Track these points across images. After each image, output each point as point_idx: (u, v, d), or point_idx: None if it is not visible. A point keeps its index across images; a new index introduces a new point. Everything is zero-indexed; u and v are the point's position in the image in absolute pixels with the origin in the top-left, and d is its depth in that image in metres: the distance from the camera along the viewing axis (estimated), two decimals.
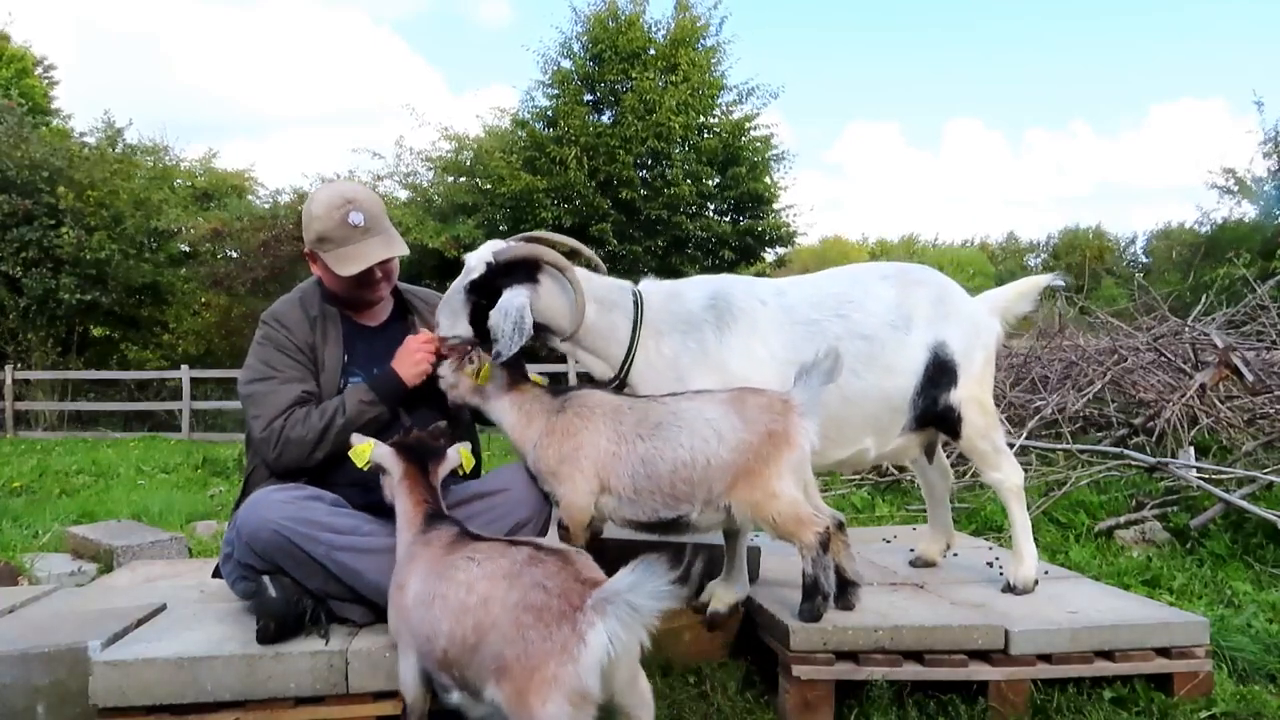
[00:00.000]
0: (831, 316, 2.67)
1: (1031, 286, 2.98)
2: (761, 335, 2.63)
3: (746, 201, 17.20)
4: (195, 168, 20.76)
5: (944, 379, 2.72)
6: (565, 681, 1.63)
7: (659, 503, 2.33)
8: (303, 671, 2.21)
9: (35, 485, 7.56)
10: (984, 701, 2.46)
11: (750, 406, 2.33)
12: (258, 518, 2.32)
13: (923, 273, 2.89)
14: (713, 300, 2.65)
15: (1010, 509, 2.87)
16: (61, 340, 16.23)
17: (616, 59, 16.28)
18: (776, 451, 2.29)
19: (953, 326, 2.74)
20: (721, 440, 2.29)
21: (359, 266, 2.57)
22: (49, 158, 15.76)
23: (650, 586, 1.60)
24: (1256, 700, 2.55)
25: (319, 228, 2.58)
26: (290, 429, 2.48)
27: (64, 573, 4.11)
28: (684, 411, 2.35)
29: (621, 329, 2.64)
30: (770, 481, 2.29)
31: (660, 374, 2.61)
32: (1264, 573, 3.78)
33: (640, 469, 2.32)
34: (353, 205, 2.58)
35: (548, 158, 15.68)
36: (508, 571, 1.81)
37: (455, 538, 2.01)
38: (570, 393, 2.48)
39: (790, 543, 2.35)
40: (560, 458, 2.37)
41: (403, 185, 17.86)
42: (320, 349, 2.65)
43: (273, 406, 2.52)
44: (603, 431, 2.36)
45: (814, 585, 2.39)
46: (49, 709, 2.29)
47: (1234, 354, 5.55)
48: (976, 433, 2.79)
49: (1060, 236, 50.27)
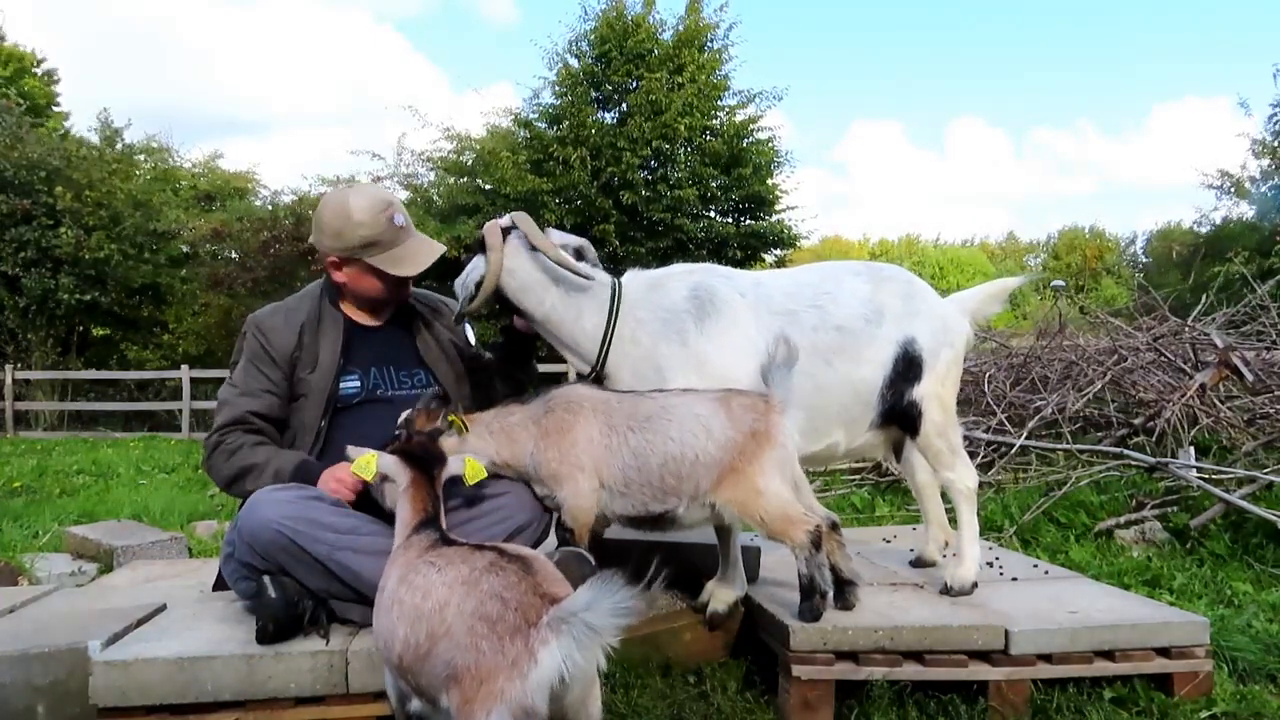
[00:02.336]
0: (807, 307, 2.69)
1: (1000, 289, 3.02)
2: (741, 326, 2.63)
3: (749, 203, 17.19)
4: (198, 169, 20.77)
5: (910, 374, 2.73)
6: (511, 697, 1.61)
7: (648, 496, 2.34)
8: (303, 671, 2.20)
9: (35, 485, 7.56)
10: (984, 701, 2.46)
11: (735, 406, 2.35)
12: (259, 516, 2.32)
13: (893, 270, 2.92)
14: (694, 291, 2.65)
15: (960, 510, 2.85)
16: (61, 340, 16.24)
17: (623, 59, 16.26)
18: (760, 450, 2.31)
19: (921, 323, 2.76)
20: (710, 436, 2.30)
21: (416, 267, 2.63)
22: (47, 157, 15.76)
23: (607, 605, 1.57)
24: (1256, 700, 2.55)
25: (366, 233, 2.58)
26: (219, 453, 2.55)
27: (64, 573, 4.11)
28: (674, 406, 2.36)
29: (589, 317, 2.64)
30: (755, 479, 2.30)
31: (637, 363, 2.62)
32: (1264, 573, 3.78)
33: (631, 461, 2.32)
34: (394, 208, 2.62)
35: (552, 158, 15.67)
36: (466, 579, 1.78)
37: (431, 543, 1.99)
38: (548, 392, 2.47)
39: (781, 542, 2.35)
40: (560, 458, 2.36)
41: (403, 185, 17.86)
42: (308, 352, 2.64)
43: (223, 416, 2.58)
44: (594, 424, 2.36)
45: (810, 584, 2.40)
46: (49, 709, 2.29)
47: (1234, 354, 5.55)
48: (935, 430, 2.79)
49: (1060, 236, 50.24)
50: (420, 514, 2.12)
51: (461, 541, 2.01)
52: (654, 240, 16.11)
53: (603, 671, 1.70)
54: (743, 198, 16.90)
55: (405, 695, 1.91)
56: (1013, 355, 7.41)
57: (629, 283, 2.72)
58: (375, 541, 2.31)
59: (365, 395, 2.69)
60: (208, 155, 21.20)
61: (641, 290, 2.69)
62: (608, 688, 2.53)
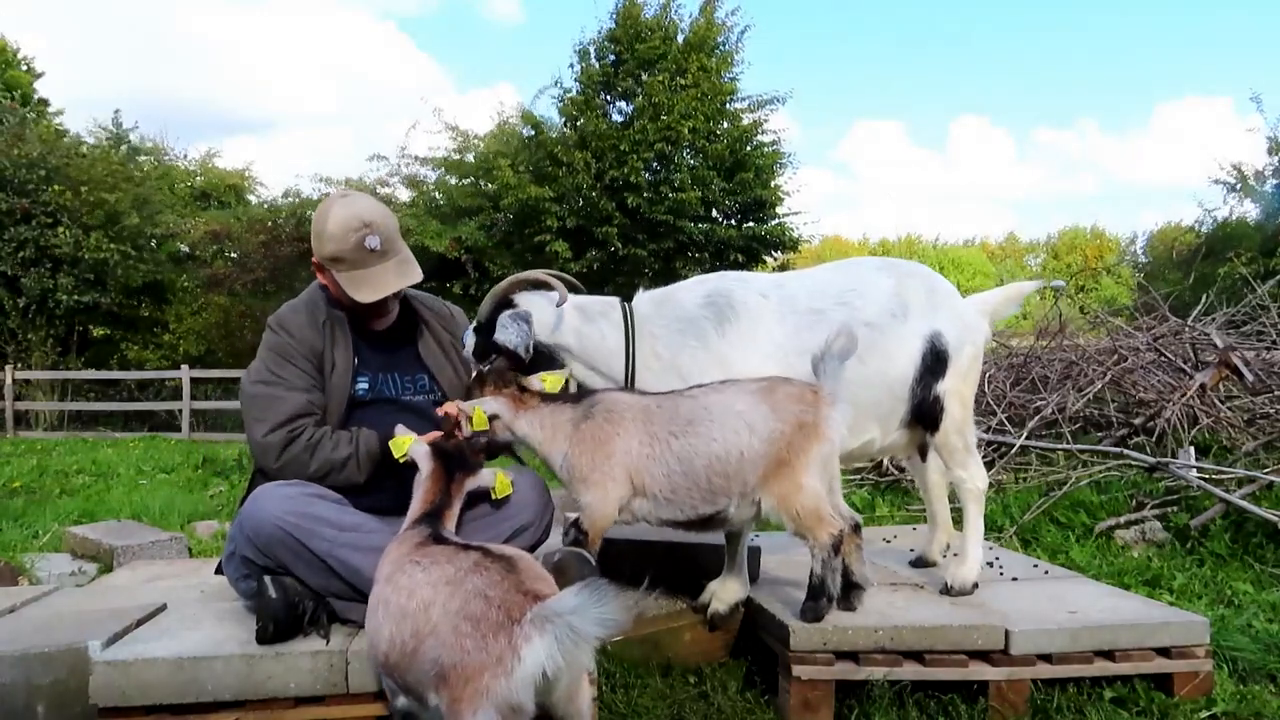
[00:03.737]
0: (835, 305, 2.69)
1: (1018, 292, 3.05)
2: (766, 327, 2.64)
3: (752, 206, 17.16)
4: (194, 168, 20.75)
5: (937, 368, 2.74)
6: (497, 694, 1.63)
7: (698, 499, 2.32)
8: (303, 671, 2.20)
9: (35, 485, 7.56)
10: (984, 701, 2.46)
11: (780, 396, 2.32)
12: (261, 512, 2.32)
13: (913, 266, 2.92)
14: (710, 298, 2.66)
15: (967, 510, 2.85)
16: (61, 340, 16.22)
17: (634, 62, 16.22)
18: (807, 443, 2.29)
19: (944, 318, 2.77)
20: (753, 432, 2.28)
21: (374, 295, 2.53)
22: (46, 156, 15.76)
23: (595, 612, 1.56)
24: (1256, 700, 2.55)
25: (333, 248, 2.53)
26: (298, 448, 2.47)
27: (64, 573, 4.12)
28: (713, 405, 2.33)
29: (612, 338, 2.65)
30: (799, 474, 2.29)
31: (660, 376, 2.61)
32: (1264, 573, 3.78)
33: (676, 467, 2.30)
34: (369, 229, 2.51)
35: (556, 161, 15.63)
36: (450, 578, 1.80)
37: (422, 540, 1.99)
38: (593, 397, 2.44)
39: (805, 539, 2.34)
40: (593, 465, 2.33)
41: (405, 186, 17.85)
42: (329, 352, 2.63)
43: (276, 413, 2.50)
44: (634, 434, 2.33)
45: (820, 586, 2.39)
46: (49, 709, 2.29)
47: (1234, 354, 5.55)
48: (954, 426, 2.79)
49: (1060, 236, 50.25)
50: (425, 505, 2.13)
51: (451, 540, 2.02)
52: (656, 242, 16.08)
53: (591, 670, 1.71)
54: (745, 201, 16.87)
55: (393, 692, 1.93)
56: (1013, 355, 7.41)
57: (637, 302, 2.73)
58: (377, 539, 2.31)
59: (374, 395, 2.69)
60: (204, 154, 21.21)
61: (651, 306, 2.70)
62: (608, 687, 2.54)
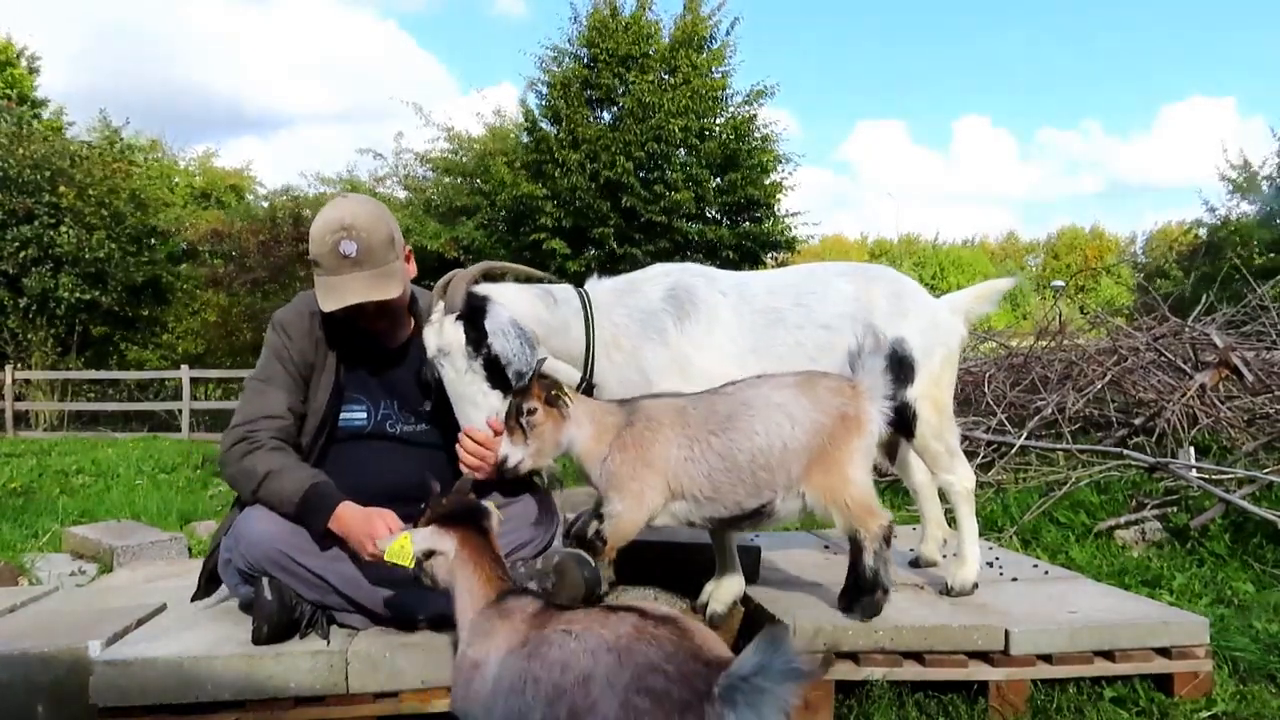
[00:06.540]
0: (792, 305, 2.66)
1: (991, 290, 3.00)
2: (723, 324, 2.60)
3: (746, 206, 17.12)
4: (193, 166, 20.76)
5: (902, 375, 2.68)
6: None
7: (742, 494, 2.29)
8: (303, 671, 2.20)
9: (35, 485, 7.55)
10: (984, 701, 2.46)
11: (820, 389, 2.31)
12: (253, 532, 2.29)
13: (880, 270, 2.89)
14: (671, 291, 2.61)
15: (959, 512, 2.84)
16: (61, 340, 16.23)
17: (613, 62, 16.20)
18: (848, 435, 2.28)
19: (910, 323, 2.72)
20: (795, 423, 2.27)
21: (334, 304, 2.37)
22: (50, 156, 15.77)
23: (779, 666, 1.37)
24: (1256, 700, 2.55)
25: (313, 250, 2.42)
26: (241, 454, 2.36)
27: (64, 573, 4.11)
28: (752, 399, 2.31)
29: (574, 326, 2.56)
30: (844, 466, 2.27)
31: (622, 369, 2.57)
32: (1264, 573, 3.77)
33: (719, 464, 2.27)
34: (346, 234, 2.35)
35: (553, 160, 15.63)
36: (611, 645, 1.58)
37: (540, 609, 1.79)
38: (634, 403, 2.39)
39: (855, 533, 2.32)
40: (632, 474, 2.28)
41: (403, 185, 17.86)
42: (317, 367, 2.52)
43: (250, 409, 2.44)
44: (673, 440, 2.29)
45: (874, 579, 2.37)
46: (49, 709, 2.29)
47: (1234, 354, 5.55)
48: (931, 432, 2.76)
49: (1059, 236, 50.18)
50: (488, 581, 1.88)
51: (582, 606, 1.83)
52: (651, 243, 16.06)
53: None
54: (738, 201, 16.82)
55: None
56: (1013, 355, 7.40)
57: (593, 289, 2.64)
58: None
59: (372, 428, 2.57)
60: (203, 153, 21.22)
61: (612, 294, 2.62)
62: None
